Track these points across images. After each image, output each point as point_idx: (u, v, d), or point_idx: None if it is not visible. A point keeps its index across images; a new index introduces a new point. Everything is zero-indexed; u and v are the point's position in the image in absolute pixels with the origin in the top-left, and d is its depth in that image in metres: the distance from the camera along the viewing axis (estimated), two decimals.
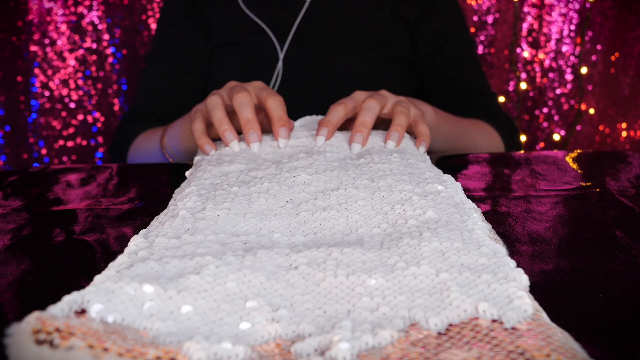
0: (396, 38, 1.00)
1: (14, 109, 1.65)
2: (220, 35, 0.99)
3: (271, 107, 0.64)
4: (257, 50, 0.98)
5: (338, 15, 0.99)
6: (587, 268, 0.42)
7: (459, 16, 1.05)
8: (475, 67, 1.06)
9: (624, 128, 1.90)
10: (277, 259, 0.38)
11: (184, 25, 1.02)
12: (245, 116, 0.63)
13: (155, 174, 0.74)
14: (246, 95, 0.64)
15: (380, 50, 0.99)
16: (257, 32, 0.97)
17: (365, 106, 0.64)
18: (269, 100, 0.64)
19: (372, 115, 0.64)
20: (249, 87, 0.67)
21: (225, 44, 0.99)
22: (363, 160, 0.57)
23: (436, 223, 0.43)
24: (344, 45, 0.98)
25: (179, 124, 0.82)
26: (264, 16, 0.97)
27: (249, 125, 0.62)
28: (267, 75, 0.97)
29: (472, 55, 1.06)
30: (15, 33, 1.61)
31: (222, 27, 0.99)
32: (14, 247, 0.49)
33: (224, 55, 1.00)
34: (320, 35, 0.98)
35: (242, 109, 0.63)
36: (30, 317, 0.29)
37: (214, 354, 0.29)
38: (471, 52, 1.06)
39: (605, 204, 0.56)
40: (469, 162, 0.74)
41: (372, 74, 0.99)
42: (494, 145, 0.97)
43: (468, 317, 0.32)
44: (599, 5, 1.82)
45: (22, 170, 0.75)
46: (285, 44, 0.96)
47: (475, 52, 1.08)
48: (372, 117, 0.63)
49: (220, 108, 0.64)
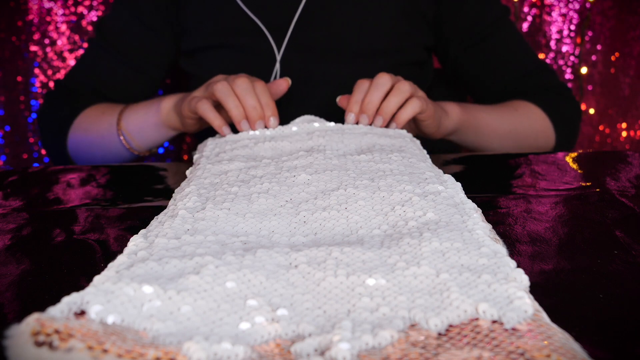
0: (406, 41, 0.90)
1: (14, 109, 1.65)
2: (206, 38, 0.89)
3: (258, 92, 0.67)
4: (252, 52, 0.89)
5: (338, 17, 0.88)
6: (587, 268, 0.42)
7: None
8: (520, 46, 0.93)
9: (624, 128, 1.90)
10: (277, 257, 0.38)
11: (146, 17, 0.90)
12: (251, 103, 0.65)
13: (156, 174, 0.74)
14: (247, 81, 0.66)
15: (389, 57, 0.90)
16: (252, 33, 0.88)
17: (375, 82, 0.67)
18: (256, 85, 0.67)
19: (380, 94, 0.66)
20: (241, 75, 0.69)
21: (212, 47, 0.90)
22: (364, 157, 0.57)
23: (436, 224, 0.42)
24: (345, 52, 0.89)
25: (143, 108, 0.77)
26: (259, 16, 0.88)
27: (255, 112, 0.65)
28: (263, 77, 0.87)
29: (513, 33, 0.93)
30: (15, 33, 1.61)
31: (208, 29, 0.89)
32: (14, 247, 0.49)
33: (213, 58, 0.90)
34: (320, 37, 0.88)
35: (246, 95, 0.66)
36: (30, 319, 0.29)
37: (214, 354, 0.29)
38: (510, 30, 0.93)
39: (605, 204, 0.56)
40: (469, 162, 0.74)
41: None
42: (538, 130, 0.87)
43: (468, 318, 0.32)
44: (599, 5, 1.82)
45: (22, 170, 0.74)
46: (283, 45, 0.88)
47: (515, 28, 0.95)
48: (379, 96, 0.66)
49: (233, 96, 0.66)
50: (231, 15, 0.88)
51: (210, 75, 0.89)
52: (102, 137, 0.83)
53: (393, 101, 0.67)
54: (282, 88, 0.75)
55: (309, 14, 0.87)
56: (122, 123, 0.80)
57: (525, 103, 0.88)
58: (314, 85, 0.88)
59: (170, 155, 1.48)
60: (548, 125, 0.89)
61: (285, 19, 0.87)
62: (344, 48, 0.89)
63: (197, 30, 0.89)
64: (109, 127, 0.82)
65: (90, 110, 0.86)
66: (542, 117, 0.88)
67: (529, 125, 0.87)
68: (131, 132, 0.79)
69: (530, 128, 0.87)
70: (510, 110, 0.87)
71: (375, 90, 0.67)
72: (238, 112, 0.66)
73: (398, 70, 0.89)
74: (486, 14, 0.91)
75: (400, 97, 0.67)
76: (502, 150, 0.87)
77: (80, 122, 0.85)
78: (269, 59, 0.88)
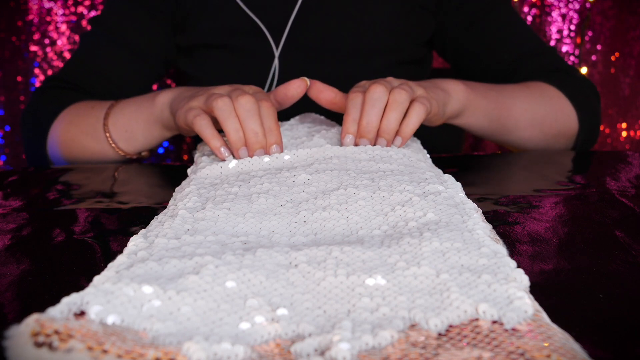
0: (404, 39, 0.89)
1: (14, 109, 1.65)
2: (203, 35, 0.88)
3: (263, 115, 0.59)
4: (249, 52, 0.88)
5: (335, 16, 0.87)
6: (587, 268, 0.42)
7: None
8: (520, 25, 0.89)
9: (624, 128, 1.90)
10: (276, 257, 0.38)
11: (145, 6, 0.88)
12: (252, 127, 0.57)
13: (156, 173, 0.74)
14: (251, 100, 0.58)
15: (386, 55, 0.89)
16: (249, 32, 0.87)
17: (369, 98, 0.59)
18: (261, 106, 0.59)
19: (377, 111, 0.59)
20: (249, 91, 0.62)
21: (210, 46, 0.89)
22: (364, 155, 0.57)
23: (436, 224, 0.42)
24: (343, 51, 0.88)
25: (136, 103, 0.71)
26: (257, 16, 0.87)
27: (255, 138, 0.57)
28: (261, 77, 0.88)
29: (512, 12, 0.89)
30: (15, 33, 1.61)
31: (205, 26, 0.87)
32: (14, 247, 0.49)
33: (210, 58, 0.89)
34: (317, 36, 0.87)
35: (248, 117, 0.57)
36: (29, 320, 0.29)
37: (214, 354, 0.29)
38: (510, 9, 0.89)
39: (605, 204, 0.56)
40: (469, 162, 0.74)
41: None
42: (557, 109, 0.79)
43: (468, 318, 0.32)
44: (599, 5, 1.82)
45: (22, 170, 0.74)
46: (280, 44, 0.87)
47: (514, 9, 0.91)
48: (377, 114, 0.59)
49: (234, 117, 0.58)
50: (229, 13, 0.87)
51: (208, 76, 0.89)
52: (85, 133, 0.75)
53: (393, 117, 0.59)
54: (299, 90, 0.65)
55: (306, 14, 0.87)
56: (110, 118, 0.72)
57: (537, 82, 0.80)
58: None
59: (170, 155, 1.48)
60: (566, 103, 0.80)
61: (282, 19, 0.87)
62: (342, 47, 0.88)
63: (194, 27, 0.88)
64: (96, 122, 0.74)
65: (80, 104, 0.78)
66: (558, 95, 0.80)
67: (547, 103, 0.78)
68: (119, 128, 0.71)
69: (548, 106, 0.79)
70: (522, 88, 0.79)
71: (371, 108, 0.59)
72: (237, 138, 0.57)
73: (396, 69, 0.90)
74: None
75: (399, 110, 0.60)
76: (517, 134, 0.79)
77: (65, 115, 0.77)
78: (266, 59, 0.87)
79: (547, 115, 0.78)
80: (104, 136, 0.72)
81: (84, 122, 0.75)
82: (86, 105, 0.77)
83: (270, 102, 0.60)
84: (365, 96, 0.60)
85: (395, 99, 0.59)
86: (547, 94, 0.78)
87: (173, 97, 0.69)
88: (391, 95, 0.60)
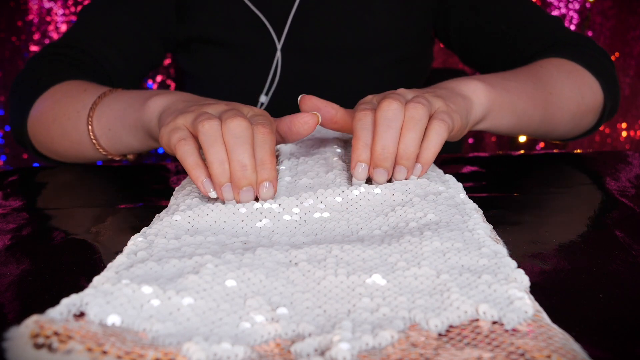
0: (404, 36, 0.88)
1: None
2: (203, 28, 0.85)
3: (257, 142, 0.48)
4: (249, 49, 0.86)
5: (334, 14, 0.86)
6: (587, 268, 0.42)
7: None
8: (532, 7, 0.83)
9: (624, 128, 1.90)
10: (276, 255, 0.38)
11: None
12: (240, 159, 0.46)
13: (156, 173, 0.74)
14: (244, 125, 0.47)
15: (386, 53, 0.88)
16: (250, 28, 0.85)
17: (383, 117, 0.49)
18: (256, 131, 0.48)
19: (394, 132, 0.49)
20: (247, 112, 0.52)
21: (208, 41, 0.86)
22: (387, 206, 0.56)
23: (437, 224, 0.42)
24: (343, 49, 0.87)
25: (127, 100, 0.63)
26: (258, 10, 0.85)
27: (242, 173, 0.46)
28: (261, 74, 0.87)
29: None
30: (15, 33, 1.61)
31: (205, 19, 0.85)
32: (14, 247, 0.49)
33: (208, 54, 0.87)
34: (316, 34, 0.86)
35: (237, 146, 0.46)
36: (29, 321, 0.29)
37: (214, 354, 0.29)
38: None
39: (605, 204, 0.56)
40: (469, 162, 0.74)
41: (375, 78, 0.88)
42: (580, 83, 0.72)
43: (468, 319, 0.32)
44: (599, 5, 1.82)
45: (22, 170, 0.74)
46: (280, 42, 0.85)
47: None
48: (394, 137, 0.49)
49: (220, 144, 0.46)
50: (230, 6, 0.85)
51: (207, 73, 0.88)
52: (68, 117, 0.66)
53: (411, 139, 0.49)
54: (307, 127, 0.52)
55: (306, 10, 0.85)
56: (97, 110, 0.63)
57: (551, 59, 0.73)
58: (312, 84, 0.86)
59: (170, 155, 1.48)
60: (586, 74, 0.73)
61: (282, 15, 0.85)
62: (342, 44, 0.87)
63: (194, 19, 0.86)
64: (81, 109, 0.65)
65: (72, 83, 0.69)
66: (576, 68, 0.72)
67: (570, 81, 0.71)
68: (102, 124, 0.63)
69: (571, 82, 0.71)
70: (539, 70, 0.70)
71: (386, 129, 0.48)
72: (220, 171, 0.46)
73: (396, 66, 0.89)
74: None
75: (418, 129, 0.49)
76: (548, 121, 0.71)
77: (54, 92, 0.68)
78: (266, 55, 0.86)
79: (572, 93, 0.71)
80: (85, 127, 0.64)
81: (71, 105, 0.67)
82: (79, 86, 0.69)
83: (269, 129, 0.48)
84: (377, 115, 0.49)
85: (412, 115, 0.49)
86: (564, 69, 0.71)
87: (165, 106, 0.58)
88: (407, 112, 0.49)
